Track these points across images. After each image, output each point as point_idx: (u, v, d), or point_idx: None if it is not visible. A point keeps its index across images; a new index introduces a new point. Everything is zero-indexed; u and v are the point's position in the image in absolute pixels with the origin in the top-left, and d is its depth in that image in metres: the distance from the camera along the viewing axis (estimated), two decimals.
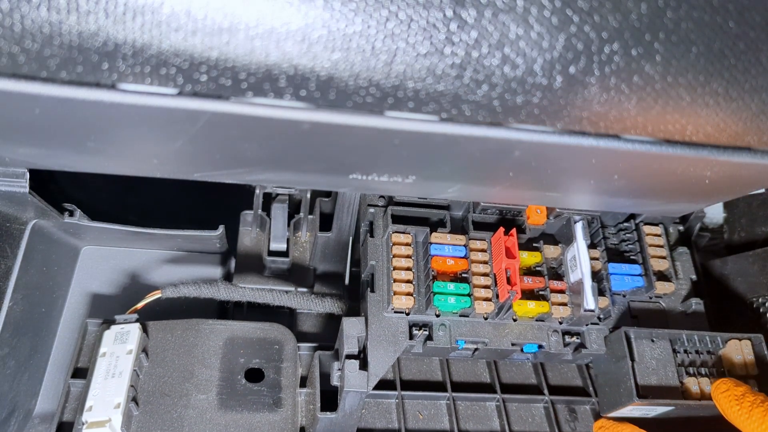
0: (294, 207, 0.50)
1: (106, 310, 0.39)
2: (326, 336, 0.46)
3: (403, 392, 0.42)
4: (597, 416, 0.42)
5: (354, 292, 0.47)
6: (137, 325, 0.38)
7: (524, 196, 0.36)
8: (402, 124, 0.24)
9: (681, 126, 0.25)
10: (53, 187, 0.46)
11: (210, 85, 0.21)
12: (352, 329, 0.36)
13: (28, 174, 0.35)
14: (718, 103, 0.24)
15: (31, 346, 0.40)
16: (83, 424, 0.34)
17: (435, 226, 0.40)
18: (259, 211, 0.48)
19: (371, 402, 0.42)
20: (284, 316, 0.47)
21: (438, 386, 0.44)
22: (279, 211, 0.48)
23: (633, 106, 0.23)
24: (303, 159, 0.28)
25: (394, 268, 0.38)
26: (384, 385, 0.42)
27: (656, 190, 0.32)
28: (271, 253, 0.48)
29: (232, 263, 0.49)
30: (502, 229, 0.38)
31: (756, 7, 0.22)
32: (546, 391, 0.44)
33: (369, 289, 0.38)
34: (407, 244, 0.39)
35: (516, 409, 0.43)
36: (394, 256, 0.38)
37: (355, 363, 0.35)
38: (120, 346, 0.37)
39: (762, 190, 0.34)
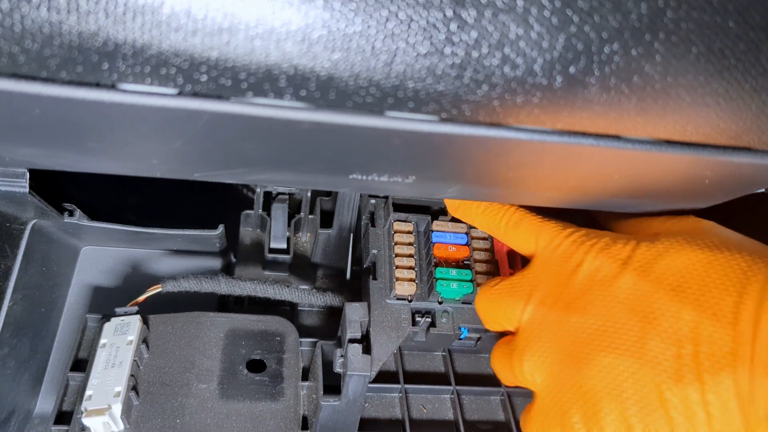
0: (294, 207, 0.49)
1: (106, 309, 0.39)
2: (327, 333, 0.46)
3: (406, 386, 0.42)
4: None
5: (355, 288, 0.47)
6: (138, 316, 0.38)
7: (524, 196, 0.35)
8: (402, 124, 0.24)
9: (681, 126, 0.25)
10: (53, 187, 0.46)
11: (210, 85, 0.21)
12: (354, 314, 0.36)
13: (28, 174, 0.35)
14: (718, 103, 0.24)
15: (31, 346, 0.40)
16: (83, 412, 0.34)
17: (436, 214, 0.40)
18: (260, 210, 0.48)
19: (374, 396, 0.42)
20: (285, 313, 0.47)
21: (442, 380, 0.43)
22: (279, 210, 0.48)
23: (633, 106, 0.23)
24: (303, 159, 0.28)
25: (396, 255, 0.38)
26: (387, 378, 0.42)
27: (656, 190, 0.32)
28: (272, 251, 0.47)
29: (233, 263, 0.49)
30: None
31: (756, 7, 0.22)
32: None
33: (371, 277, 0.38)
34: (409, 232, 0.39)
35: (521, 404, 0.43)
36: (395, 244, 0.38)
37: (359, 347, 0.34)
38: (120, 337, 0.37)
39: (762, 190, 0.34)
